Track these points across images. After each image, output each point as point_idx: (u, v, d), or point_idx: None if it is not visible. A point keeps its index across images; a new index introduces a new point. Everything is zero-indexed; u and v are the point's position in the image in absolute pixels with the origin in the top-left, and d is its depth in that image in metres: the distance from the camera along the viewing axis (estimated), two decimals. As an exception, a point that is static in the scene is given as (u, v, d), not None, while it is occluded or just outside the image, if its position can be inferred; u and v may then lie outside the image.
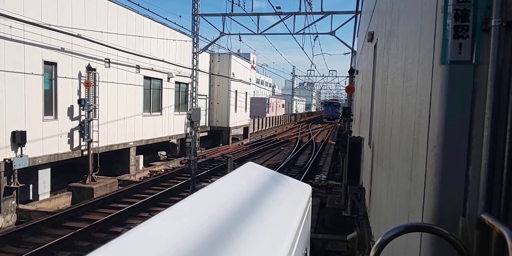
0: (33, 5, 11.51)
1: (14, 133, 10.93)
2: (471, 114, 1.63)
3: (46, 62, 12.16)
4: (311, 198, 2.32)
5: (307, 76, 61.59)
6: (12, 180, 10.85)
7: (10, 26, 10.67)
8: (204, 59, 25.50)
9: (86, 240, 8.92)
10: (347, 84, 13.94)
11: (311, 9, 21.03)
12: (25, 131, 11.16)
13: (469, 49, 1.62)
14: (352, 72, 13.44)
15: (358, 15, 13.82)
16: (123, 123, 16.25)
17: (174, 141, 22.10)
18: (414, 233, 1.80)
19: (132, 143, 16.93)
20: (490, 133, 1.52)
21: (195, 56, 22.86)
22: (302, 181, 2.67)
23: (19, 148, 11.08)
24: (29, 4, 11.34)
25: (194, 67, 22.70)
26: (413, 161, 2.27)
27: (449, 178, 1.68)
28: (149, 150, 19.58)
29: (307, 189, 2.34)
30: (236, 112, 29.31)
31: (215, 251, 1.07)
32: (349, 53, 22.88)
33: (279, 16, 20.75)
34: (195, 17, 22.34)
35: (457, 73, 1.66)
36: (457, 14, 1.63)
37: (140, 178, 16.66)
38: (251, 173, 2.22)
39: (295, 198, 2.05)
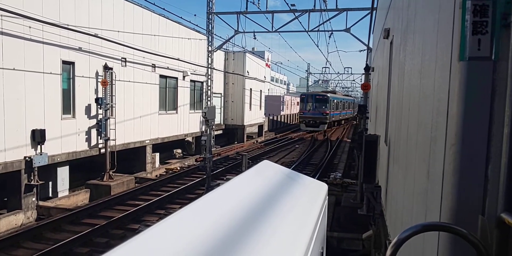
0: (51, 5, 11.71)
1: (34, 132, 11.16)
2: (490, 112, 1.60)
3: (64, 62, 12.37)
4: (327, 197, 2.32)
5: (322, 73, 60.15)
6: (32, 178, 11.09)
7: (30, 27, 10.89)
8: (218, 58, 25.58)
9: (104, 237, 9.06)
10: (363, 82, 13.80)
11: (326, 6, 20.88)
12: (44, 130, 11.38)
13: (488, 45, 1.59)
14: (367, 69, 13.30)
15: (374, 12, 13.67)
16: (139, 121, 16.43)
17: (190, 139, 22.25)
18: (432, 233, 1.78)
19: (148, 141, 17.11)
20: (510, 131, 1.49)
21: (210, 55, 22.96)
22: (317, 179, 2.66)
23: (39, 146, 11.31)
24: (47, 4, 11.54)
25: (209, 66, 22.80)
26: (430, 159, 2.24)
27: (467, 176, 1.65)
28: (165, 148, 19.76)
29: (323, 187, 2.34)
30: (250, 110, 29.34)
31: (233, 249, 1.07)
32: (364, 50, 22.65)
33: (294, 14, 20.66)
34: (210, 16, 22.42)
35: (476, 69, 1.63)
36: (475, 9, 1.60)
37: (156, 176, 16.84)
38: (267, 171, 2.22)
39: (311, 196, 2.04)
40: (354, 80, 66.27)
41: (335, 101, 39.75)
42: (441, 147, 1.90)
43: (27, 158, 10.92)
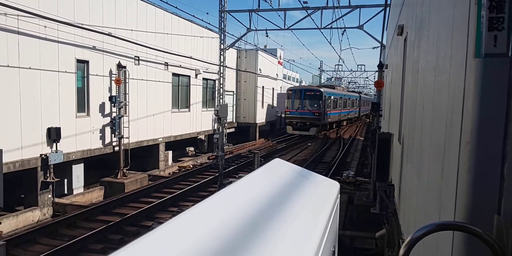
0: (66, 5, 11.86)
1: (49, 130, 11.34)
2: (506, 109, 1.57)
3: (78, 61, 12.53)
4: (339, 195, 2.31)
5: (334, 71, 59.59)
6: (48, 175, 11.28)
7: (45, 26, 11.05)
8: (231, 55, 25.62)
9: (118, 234, 9.17)
10: (376, 79, 13.68)
11: (338, 3, 20.73)
12: (59, 128, 11.56)
13: (505, 41, 1.56)
14: (381, 66, 13.17)
15: (387, 9, 13.52)
16: (152, 119, 16.57)
17: (202, 137, 22.36)
18: (446, 232, 1.75)
19: (161, 139, 17.25)
20: (527, 129, 1.46)
21: (222, 53, 23.01)
22: (330, 177, 2.65)
23: (54, 144, 11.49)
24: (62, 4, 11.70)
25: (221, 64, 22.85)
26: (444, 157, 2.21)
27: (483, 175, 1.62)
28: (177, 146, 19.90)
29: (335, 186, 2.33)
30: (263, 108, 29.34)
31: (244, 247, 1.08)
32: (377, 47, 22.44)
33: (306, 11, 20.57)
34: (222, 14, 22.46)
35: (492, 66, 1.60)
36: (491, 5, 1.57)
37: (169, 173, 16.97)
38: (278, 170, 2.22)
39: (323, 195, 2.04)
40: (367, 78, 65.65)
41: (332, 97, 31.53)
42: (455, 145, 1.87)
43: (43, 155, 11.10)
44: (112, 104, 13.90)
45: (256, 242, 1.12)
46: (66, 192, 12.69)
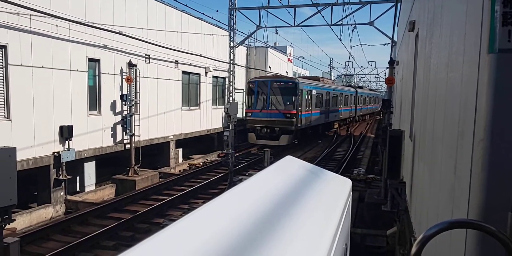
0: (77, 4, 11.96)
1: (61, 128, 11.48)
2: (521, 105, 1.55)
3: (90, 59, 12.64)
4: (351, 192, 2.30)
5: (345, 68, 59.12)
6: (60, 172, 11.43)
7: (57, 25, 11.16)
8: (240, 53, 25.62)
9: (129, 231, 9.26)
10: (387, 76, 13.57)
11: (349, -1, 20.56)
12: (71, 126, 11.69)
13: (520, 36, 1.53)
14: (392, 63, 13.06)
15: (398, 4, 13.38)
16: (163, 117, 16.66)
17: (212, 134, 22.41)
18: (459, 230, 1.74)
19: (171, 137, 17.34)
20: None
21: (231, 50, 23.02)
22: (340, 174, 2.64)
23: (66, 142, 11.63)
24: (74, 3, 11.80)
25: (231, 61, 22.86)
26: (457, 155, 2.19)
27: (497, 172, 1.60)
28: (188, 143, 19.99)
29: (347, 183, 2.31)
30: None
31: (256, 245, 1.08)
32: (388, 43, 22.24)
33: (316, 8, 20.46)
34: (232, 11, 22.44)
35: (506, 62, 1.57)
36: (506, 0, 1.54)
37: (179, 171, 17.06)
38: (290, 167, 2.22)
39: (335, 192, 2.03)
40: (378, 74, 65.10)
41: (313, 92, 23.64)
42: (468, 142, 1.85)
43: (55, 153, 11.24)
44: (123, 102, 14.00)
45: (269, 240, 1.12)
46: (78, 189, 12.85)
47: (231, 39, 23.00)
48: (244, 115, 22.26)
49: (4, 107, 9.88)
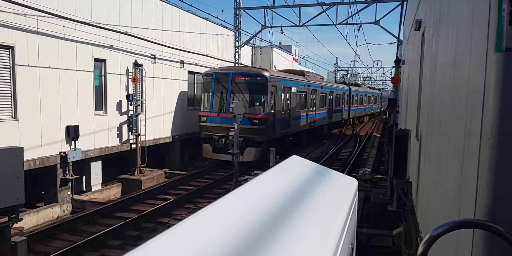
0: (83, 4, 12.02)
1: (68, 128, 11.55)
2: (529, 105, 1.53)
3: (96, 59, 12.70)
4: (357, 192, 2.29)
5: (350, 67, 58.83)
6: (67, 172, 11.50)
7: (63, 26, 11.23)
8: (246, 53, 25.62)
9: (135, 230, 9.29)
10: (393, 75, 13.51)
11: (354, -2, 20.50)
12: (78, 126, 11.76)
13: (528, 35, 1.52)
14: (398, 62, 13.00)
15: (404, 3, 13.31)
16: (168, 117, 16.71)
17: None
18: (466, 230, 1.72)
19: (177, 137, 17.38)
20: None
21: (237, 50, 23.03)
22: (346, 174, 2.63)
23: (73, 142, 11.70)
24: (80, 4, 11.87)
25: (236, 61, 22.87)
26: (464, 154, 2.17)
27: (505, 172, 1.59)
28: (193, 143, 19.99)
29: (353, 183, 2.31)
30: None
31: (263, 244, 1.08)
32: (394, 42, 22.15)
33: (322, 7, 20.41)
34: (237, 11, 22.46)
35: (513, 61, 1.56)
36: (514, -2, 1.52)
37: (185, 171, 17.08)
38: (296, 167, 2.22)
39: (341, 192, 2.02)
40: (384, 74, 64.84)
41: (293, 90, 18.42)
42: (476, 142, 1.84)
43: (62, 153, 11.31)
44: (129, 102, 14.06)
45: (275, 240, 1.12)
46: (84, 189, 12.91)
47: (237, 39, 23.01)
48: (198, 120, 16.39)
49: (11, 107, 9.95)
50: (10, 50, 9.80)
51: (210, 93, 16.12)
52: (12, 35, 9.78)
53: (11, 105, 9.95)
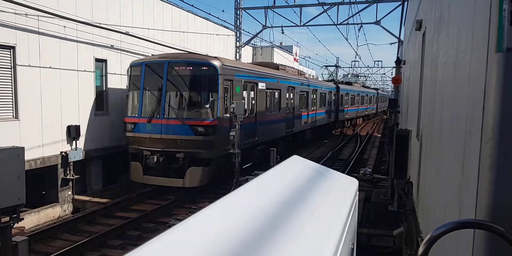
0: (84, 5, 12.03)
1: (69, 128, 11.55)
2: (530, 105, 1.53)
3: (97, 60, 12.72)
4: (358, 192, 2.29)
5: (351, 67, 58.63)
6: (68, 172, 11.50)
7: (64, 26, 11.24)
8: (246, 53, 25.63)
9: (136, 230, 9.29)
10: (393, 75, 13.51)
11: (355, -2, 20.50)
12: (79, 126, 11.77)
13: (529, 35, 1.52)
14: (398, 62, 13.00)
15: (405, 3, 13.31)
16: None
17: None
18: (467, 230, 1.72)
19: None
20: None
21: (238, 50, 23.04)
22: (346, 174, 2.64)
23: (74, 142, 11.70)
24: (81, 4, 11.87)
25: (237, 61, 22.88)
26: (465, 154, 2.17)
27: (505, 172, 1.59)
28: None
29: (353, 183, 2.31)
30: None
31: (263, 244, 1.08)
32: (395, 42, 22.15)
33: (322, 7, 20.41)
34: (238, 11, 22.47)
35: (514, 61, 1.56)
36: (514, -2, 1.52)
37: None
38: (296, 166, 2.22)
39: (341, 192, 2.03)
40: (384, 74, 64.77)
41: (260, 86, 14.31)
42: (476, 142, 1.84)
43: (63, 153, 11.32)
44: (130, 102, 14.04)
45: (276, 240, 1.13)
46: (85, 189, 12.90)
47: (237, 39, 23.02)
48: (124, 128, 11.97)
49: (13, 107, 9.96)
50: (11, 50, 9.82)
51: (139, 91, 11.54)
52: (13, 35, 9.79)
53: (12, 105, 9.96)
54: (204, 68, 11.39)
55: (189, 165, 11.02)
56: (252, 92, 13.87)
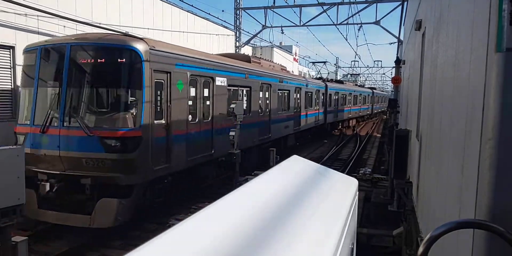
0: (84, 5, 12.03)
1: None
2: (530, 105, 1.54)
3: (96, 59, 12.70)
4: (357, 192, 2.30)
5: (351, 67, 58.58)
6: (67, 172, 11.47)
7: (64, 26, 11.23)
8: (246, 53, 25.65)
9: (137, 230, 9.28)
10: (393, 75, 13.52)
11: (355, -2, 20.53)
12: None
13: (528, 35, 1.52)
14: (398, 62, 13.01)
15: (405, 3, 13.33)
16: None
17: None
18: (466, 230, 1.73)
19: (177, 137, 17.36)
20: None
21: (237, 50, 23.05)
22: (346, 174, 2.64)
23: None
24: (80, 4, 11.88)
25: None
26: (464, 154, 2.18)
27: (505, 172, 1.59)
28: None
29: (353, 182, 2.31)
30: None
31: (263, 244, 1.08)
32: (394, 42, 22.18)
33: (322, 7, 20.44)
34: (238, 11, 22.49)
35: (514, 61, 1.56)
36: (514, -2, 1.53)
37: (185, 171, 16.99)
38: (296, 166, 2.22)
39: (341, 192, 2.03)
40: (384, 74, 64.87)
41: (218, 81, 10.53)
42: (476, 142, 1.84)
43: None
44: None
45: (276, 239, 1.13)
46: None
47: (237, 39, 23.03)
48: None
49: (12, 107, 9.96)
50: (11, 50, 9.82)
51: (33, 88, 7.88)
52: (12, 35, 9.79)
53: (12, 105, 9.96)
54: (121, 53, 7.52)
55: (99, 196, 7.41)
56: (206, 90, 10.16)
